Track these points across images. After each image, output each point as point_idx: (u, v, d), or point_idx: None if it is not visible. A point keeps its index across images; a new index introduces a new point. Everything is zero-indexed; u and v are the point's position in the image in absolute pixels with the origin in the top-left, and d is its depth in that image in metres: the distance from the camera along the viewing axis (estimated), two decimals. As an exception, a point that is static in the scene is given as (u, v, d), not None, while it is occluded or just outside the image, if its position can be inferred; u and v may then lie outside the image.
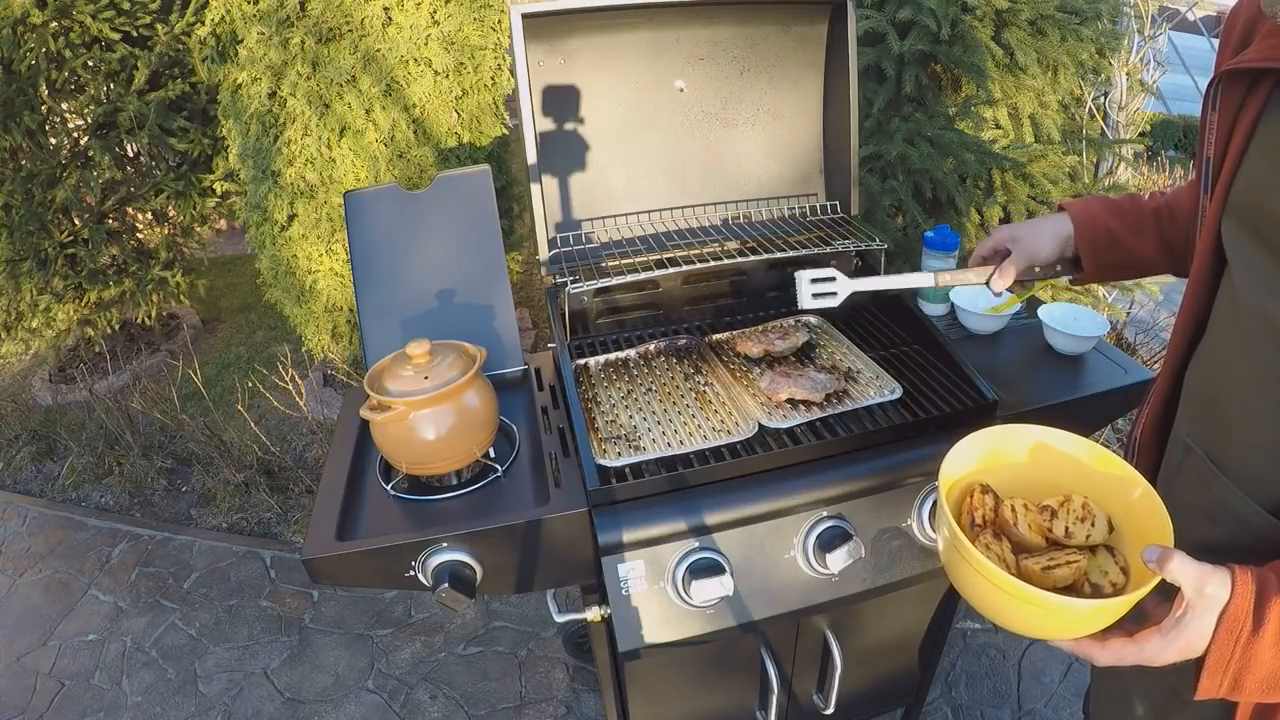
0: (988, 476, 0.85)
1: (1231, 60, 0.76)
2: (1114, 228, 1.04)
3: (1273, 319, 0.71)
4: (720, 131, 1.49)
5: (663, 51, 1.41)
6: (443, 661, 2.11)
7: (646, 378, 1.35)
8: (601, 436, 1.19)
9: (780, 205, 1.55)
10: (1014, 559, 0.78)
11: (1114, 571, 0.75)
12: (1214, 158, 0.80)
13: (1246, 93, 0.76)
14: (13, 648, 2.26)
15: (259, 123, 2.49)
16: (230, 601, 2.36)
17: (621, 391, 1.31)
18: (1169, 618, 0.66)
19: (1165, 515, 0.72)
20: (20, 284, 3.13)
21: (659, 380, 1.34)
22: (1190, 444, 0.83)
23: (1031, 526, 0.80)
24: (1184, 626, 0.65)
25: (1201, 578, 0.64)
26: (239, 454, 2.77)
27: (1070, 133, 2.30)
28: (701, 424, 1.20)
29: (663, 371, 1.37)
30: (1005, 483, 0.85)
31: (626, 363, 1.40)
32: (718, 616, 1.05)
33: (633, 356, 1.41)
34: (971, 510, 0.82)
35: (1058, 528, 0.80)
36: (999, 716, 1.88)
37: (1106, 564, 0.76)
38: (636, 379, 1.35)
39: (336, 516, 1.08)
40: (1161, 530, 0.72)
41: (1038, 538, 0.80)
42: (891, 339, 1.42)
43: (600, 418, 1.24)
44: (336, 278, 2.67)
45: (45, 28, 2.85)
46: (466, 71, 2.62)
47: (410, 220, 1.31)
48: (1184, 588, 0.64)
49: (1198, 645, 0.65)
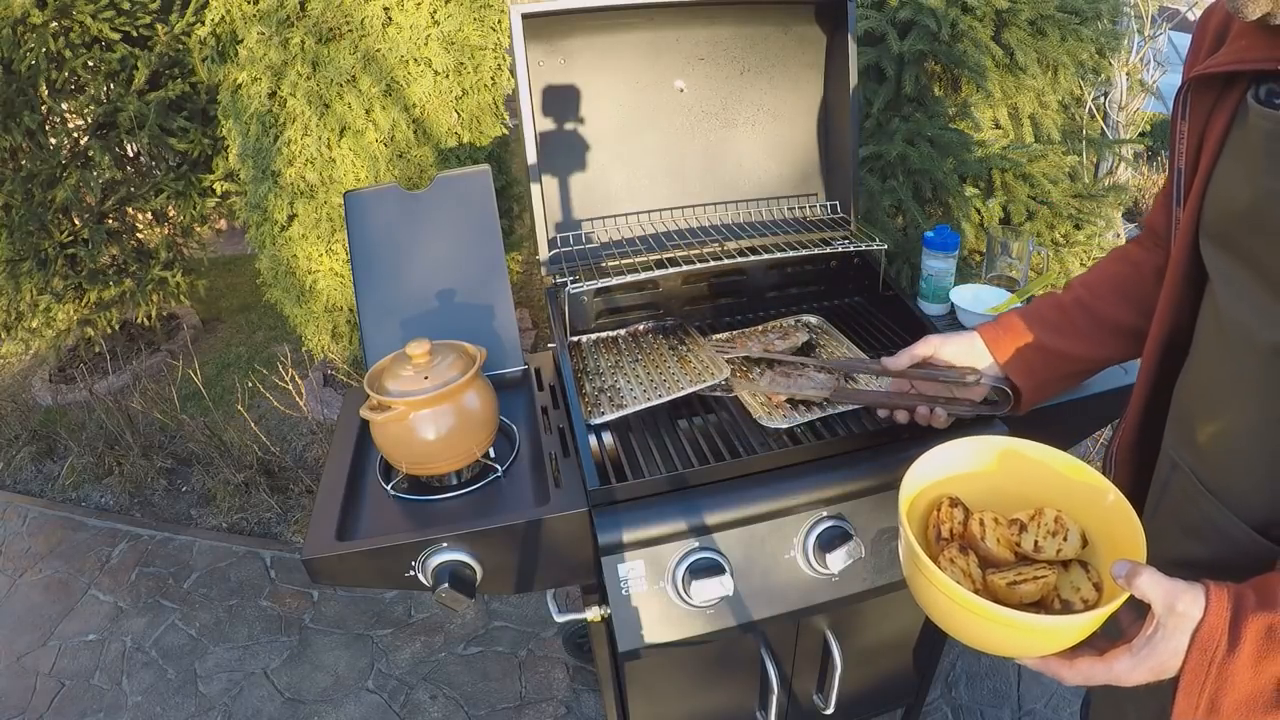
0: (958, 487, 0.83)
1: (1201, 65, 0.73)
2: (1039, 335, 0.96)
3: (1254, 335, 0.68)
4: (720, 131, 1.49)
5: (663, 51, 1.41)
6: (443, 661, 2.11)
7: (634, 349, 1.42)
8: (590, 402, 1.25)
9: (780, 205, 1.55)
10: (980, 574, 0.76)
11: (1086, 587, 0.73)
12: (1185, 169, 0.77)
13: (1217, 99, 0.73)
14: (13, 648, 2.26)
15: (259, 123, 2.49)
16: (230, 601, 2.36)
17: (610, 362, 1.38)
18: (1139, 636, 0.64)
19: (1138, 527, 0.70)
20: (20, 284, 3.13)
21: (644, 351, 1.41)
22: (1177, 460, 0.81)
23: (1000, 541, 0.78)
24: (1154, 646, 0.62)
25: (1172, 595, 0.61)
26: (239, 454, 2.77)
27: (1070, 133, 2.30)
28: (680, 378, 1.27)
29: (649, 345, 1.43)
30: (977, 494, 0.83)
31: (616, 340, 1.47)
32: (718, 616, 1.05)
33: (622, 335, 1.49)
34: (939, 523, 0.79)
35: (1026, 542, 0.77)
36: (999, 716, 1.88)
37: (1079, 579, 0.74)
38: (624, 352, 1.42)
39: (336, 516, 1.08)
40: (1133, 543, 0.69)
41: (1006, 552, 0.78)
42: (891, 339, 1.42)
43: (589, 384, 1.31)
44: (336, 278, 2.67)
45: (45, 28, 2.85)
46: (466, 71, 2.62)
47: (410, 220, 1.31)
48: (1154, 605, 0.62)
49: (1170, 665, 0.62)
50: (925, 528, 0.82)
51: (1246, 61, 0.68)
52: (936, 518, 0.80)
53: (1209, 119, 0.74)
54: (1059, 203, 2.09)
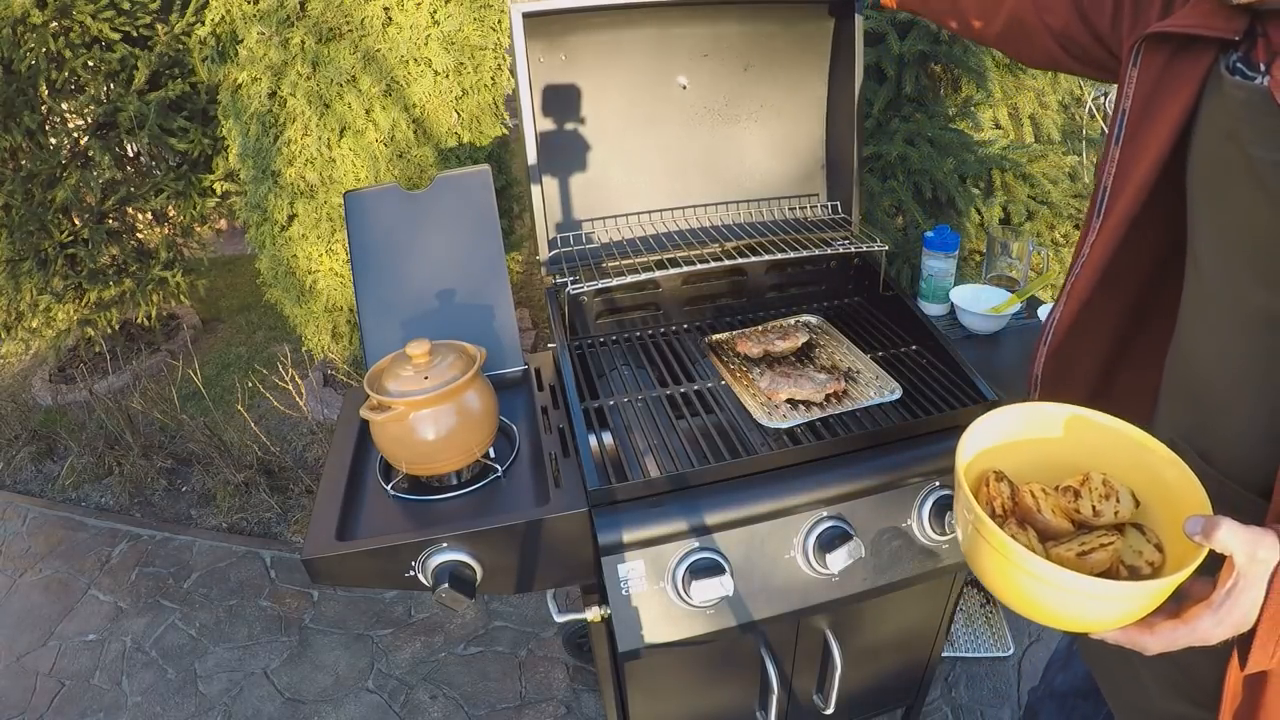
0: (995, 462, 0.79)
1: (1159, 23, 0.76)
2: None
3: (1245, 293, 0.69)
4: (722, 130, 1.48)
5: (665, 49, 1.40)
6: (443, 661, 2.11)
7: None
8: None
9: (782, 205, 1.55)
10: (1042, 548, 0.71)
11: (1148, 550, 0.69)
12: (1130, 111, 0.81)
13: (1171, 55, 0.76)
14: (13, 648, 2.26)
15: (259, 123, 2.49)
16: (230, 601, 2.36)
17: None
18: (1219, 590, 0.60)
19: (1191, 476, 0.66)
20: (20, 284, 3.13)
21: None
22: (1175, 439, 0.80)
23: (1056, 510, 0.73)
24: (1236, 598, 0.59)
25: (1254, 542, 0.58)
26: (239, 454, 2.76)
27: (1070, 133, 2.30)
28: None
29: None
30: (1015, 468, 0.79)
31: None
32: (718, 616, 1.05)
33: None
34: (990, 500, 0.75)
35: (1084, 508, 0.73)
36: (999, 716, 1.88)
37: (1139, 543, 0.70)
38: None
39: (336, 516, 1.08)
40: (1194, 496, 0.65)
41: (1064, 522, 0.73)
42: (891, 339, 1.42)
43: None
44: (336, 278, 2.67)
45: (45, 28, 2.84)
46: (466, 71, 2.62)
47: (410, 220, 1.31)
48: (1235, 555, 0.59)
49: (1251, 617, 0.60)
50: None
51: (1209, 28, 0.70)
52: (987, 494, 0.76)
53: (1165, 73, 0.77)
54: (1059, 203, 2.09)
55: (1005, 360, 1.41)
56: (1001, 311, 1.44)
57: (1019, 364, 1.39)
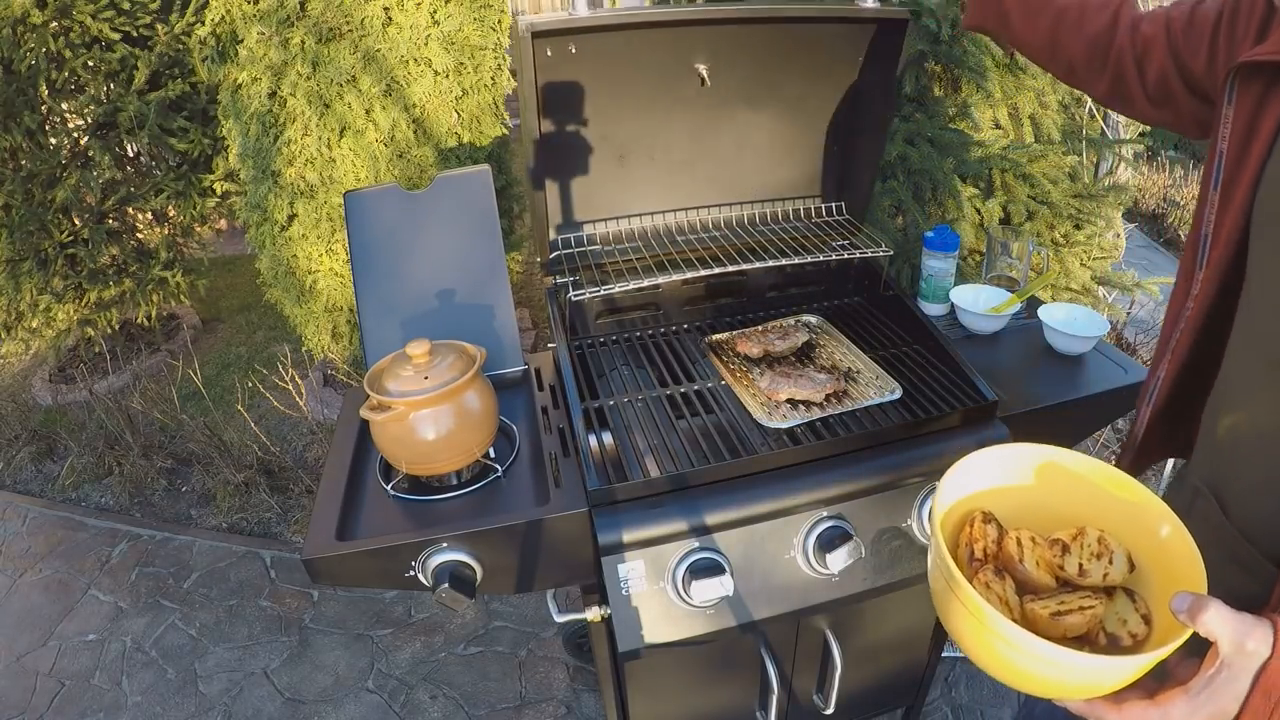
0: (990, 501, 0.74)
1: (1250, 52, 0.69)
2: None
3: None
4: (730, 130, 1.47)
5: (675, 48, 1.36)
6: (443, 661, 2.11)
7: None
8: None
9: (785, 207, 1.54)
10: (1017, 600, 0.67)
11: (1134, 619, 0.64)
12: (1228, 152, 0.74)
13: (1267, 87, 0.69)
14: (13, 648, 2.26)
15: (259, 123, 2.49)
16: (230, 601, 2.36)
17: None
18: (1199, 676, 0.56)
19: (1194, 550, 0.61)
20: (20, 284, 3.13)
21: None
22: (1200, 487, 0.76)
23: (1040, 563, 0.69)
24: (1216, 689, 0.55)
25: (1242, 632, 0.54)
26: (239, 454, 2.76)
27: (1070, 133, 2.30)
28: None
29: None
30: (1010, 510, 0.74)
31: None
32: (718, 616, 1.05)
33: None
34: (971, 542, 0.70)
35: (1070, 565, 0.68)
36: (999, 716, 1.88)
37: (1126, 610, 0.65)
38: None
39: (336, 516, 1.08)
40: (1191, 570, 0.61)
41: (1047, 577, 0.69)
42: (891, 339, 1.42)
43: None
44: (336, 278, 2.67)
45: (45, 28, 2.85)
46: (466, 71, 2.62)
47: (410, 220, 1.31)
48: (1220, 643, 0.55)
49: (1230, 711, 0.55)
50: (955, 546, 0.73)
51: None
52: (970, 535, 0.71)
53: (1260, 106, 0.70)
54: (1059, 203, 2.08)
55: (1005, 360, 1.41)
56: (1001, 312, 1.44)
57: (1019, 364, 1.39)
